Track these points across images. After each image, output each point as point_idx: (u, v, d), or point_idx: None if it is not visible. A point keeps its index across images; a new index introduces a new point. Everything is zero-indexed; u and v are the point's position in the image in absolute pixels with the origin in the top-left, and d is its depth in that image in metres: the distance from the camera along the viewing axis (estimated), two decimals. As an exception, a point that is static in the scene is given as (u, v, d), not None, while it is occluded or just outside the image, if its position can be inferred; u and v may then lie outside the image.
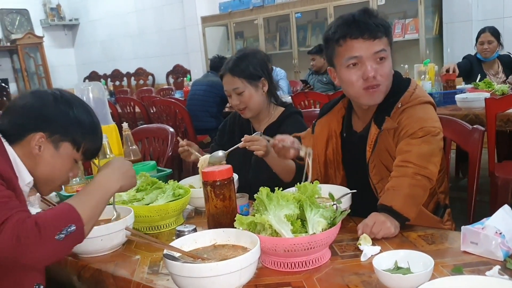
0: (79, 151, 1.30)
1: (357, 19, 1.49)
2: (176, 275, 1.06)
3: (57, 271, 1.44)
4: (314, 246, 1.16)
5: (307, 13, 6.45)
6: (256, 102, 2.05)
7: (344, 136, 1.66)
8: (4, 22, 8.85)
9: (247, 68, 2.03)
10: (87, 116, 1.32)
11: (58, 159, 1.28)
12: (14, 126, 1.26)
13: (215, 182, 1.36)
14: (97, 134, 1.35)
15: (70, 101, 1.30)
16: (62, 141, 1.27)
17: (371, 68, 1.48)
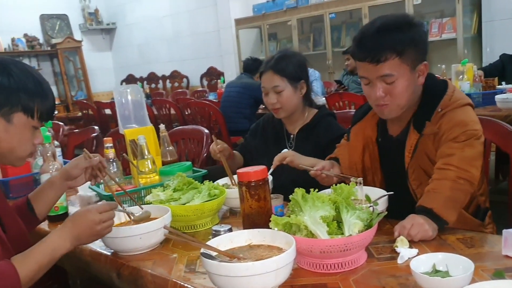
0: (34, 117, 1.25)
1: (363, 40, 1.45)
2: (213, 273, 1.07)
3: (97, 268, 1.49)
4: (350, 248, 1.15)
5: (341, 14, 6.41)
6: (293, 104, 2.05)
7: (380, 141, 1.64)
8: (45, 27, 9.17)
9: (289, 68, 2.02)
10: (29, 78, 1.24)
11: (14, 131, 1.23)
12: None
13: (250, 183, 1.37)
14: (46, 93, 1.27)
15: (7, 67, 1.22)
16: (12, 113, 1.22)
17: (378, 89, 1.47)
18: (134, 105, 2.09)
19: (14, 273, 1.12)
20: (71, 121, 6.88)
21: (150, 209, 1.55)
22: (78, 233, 1.25)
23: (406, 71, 1.44)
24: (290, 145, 2.13)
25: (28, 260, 1.17)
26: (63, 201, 1.84)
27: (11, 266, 1.14)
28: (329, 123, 2.09)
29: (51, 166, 1.87)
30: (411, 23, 1.45)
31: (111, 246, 1.42)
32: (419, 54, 1.45)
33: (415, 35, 1.43)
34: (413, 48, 1.43)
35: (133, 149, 1.95)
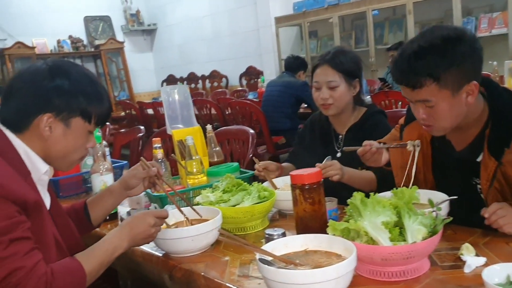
0: (91, 122, 1.26)
1: (399, 63, 1.35)
2: (270, 280, 1.04)
3: (148, 269, 1.48)
4: (414, 256, 1.09)
5: (384, 10, 6.26)
6: (344, 101, 1.98)
7: (436, 145, 1.55)
8: (89, 29, 9.38)
9: (346, 63, 1.96)
10: (87, 82, 1.25)
11: (70, 136, 1.23)
12: (17, 113, 1.20)
13: (304, 186, 1.33)
14: (103, 98, 1.28)
15: (67, 71, 1.22)
16: (71, 118, 1.22)
17: (419, 111, 1.39)
18: (181, 105, 2.08)
19: (81, 269, 1.15)
20: (115, 121, 7.00)
21: (200, 211, 1.53)
22: (135, 235, 1.29)
23: (447, 95, 1.32)
24: (338, 146, 2.06)
25: (91, 258, 1.20)
26: (112, 201, 1.85)
27: (77, 262, 1.16)
28: (378, 121, 2.01)
29: (102, 166, 1.88)
30: (456, 42, 1.30)
31: (162, 247, 1.41)
32: (464, 75, 1.31)
33: (459, 56, 1.30)
34: (455, 71, 1.30)
35: (181, 149, 1.95)
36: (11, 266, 1.04)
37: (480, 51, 1.35)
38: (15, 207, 1.09)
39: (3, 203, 1.07)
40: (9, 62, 8.07)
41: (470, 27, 5.43)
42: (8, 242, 1.05)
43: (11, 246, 1.05)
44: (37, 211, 1.15)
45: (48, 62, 1.24)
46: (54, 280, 1.09)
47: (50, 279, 1.08)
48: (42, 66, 1.22)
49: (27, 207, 1.12)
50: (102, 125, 1.32)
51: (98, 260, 1.21)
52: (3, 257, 1.04)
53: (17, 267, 1.05)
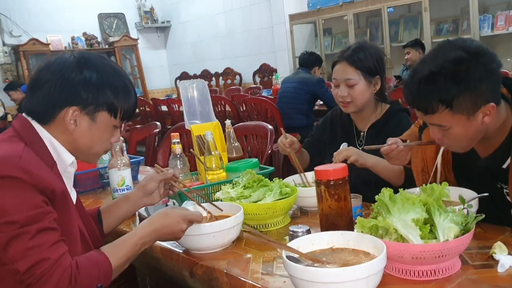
0: (117, 117, 1.24)
1: (409, 87, 1.29)
2: (298, 278, 1.01)
3: (168, 265, 1.46)
4: (446, 254, 1.05)
5: (400, 7, 6.19)
6: (364, 99, 1.92)
7: None
8: (103, 26, 9.41)
9: (365, 60, 1.89)
10: (115, 77, 1.23)
11: (96, 129, 1.22)
12: (43, 105, 1.18)
13: (329, 182, 1.29)
14: (130, 92, 1.26)
15: (95, 64, 1.21)
16: (97, 111, 1.21)
17: (435, 133, 1.35)
18: (199, 100, 2.06)
19: (107, 262, 1.13)
20: (128, 118, 7.01)
21: (222, 207, 1.50)
22: (165, 234, 1.28)
23: (461, 120, 1.26)
24: (360, 143, 2.01)
25: (118, 252, 1.18)
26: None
27: (103, 255, 1.15)
28: (401, 119, 1.95)
29: (119, 161, 1.86)
30: (469, 64, 1.22)
31: (183, 243, 1.39)
32: (479, 98, 1.24)
33: (473, 80, 1.22)
34: (469, 96, 1.22)
35: (199, 145, 1.92)
36: (37, 257, 1.03)
37: (497, 70, 1.27)
38: (42, 196, 1.07)
39: (31, 191, 1.06)
40: (24, 58, 8.13)
41: (487, 24, 5.35)
42: (35, 232, 1.03)
43: (38, 236, 1.04)
44: (63, 202, 1.14)
45: (76, 54, 1.22)
46: (79, 273, 1.07)
47: (75, 272, 1.06)
48: (70, 58, 1.20)
49: (54, 197, 1.10)
50: (127, 120, 1.30)
51: (125, 254, 1.19)
52: (29, 247, 1.02)
53: (42, 258, 1.03)
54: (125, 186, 1.82)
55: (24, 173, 1.05)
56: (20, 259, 1.02)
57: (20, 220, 1.02)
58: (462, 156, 1.43)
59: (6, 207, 1.02)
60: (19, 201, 1.04)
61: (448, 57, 1.24)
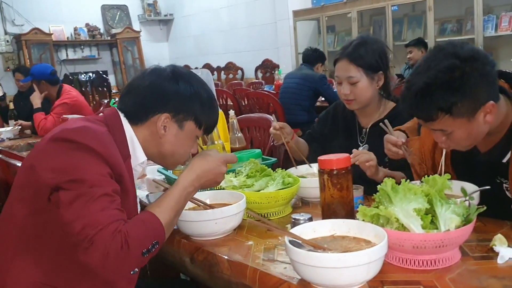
0: (201, 128, 1.33)
1: (407, 100, 1.29)
2: (299, 263, 1.02)
3: (169, 251, 1.46)
4: (447, 244, 1.06)
5: (404, 6, 6.19)
6: (367, 96, 1.90)
7: None
8: (106, 17, 9.40)
9: (367, 57, 1.86)
10: (204, 91, 1.32)
11: (182, 137, 1.30)
12: (137, 108, 1.28)
13: (332, 171, 1.31)
14: (215, 107, 1.36)
15: (188, 77, 1.31)
16: (185, 120, 1.29)
17: (438, 137, 1.35)
18: None
19: (155, 219, 1.14)
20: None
21: (224, 195, 1.51)
22: (206, 181, 1.29)
23: (463, 123, 1.27)
24: (361, 140, 2.00)
25: (163, 207, 1.18)
26: (133, 183, 1.84)
27: (149, 213, 1.15)
28: (407, 121, 1.87)
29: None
30: (463, 71, 1.22)
31: (184, 229, 1.40)
32: (478, 101, 1.25)
33: (468, 87, 1.22)
34: (467, 101, 1.23)
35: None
36: (89, 219, 1.03)
37: (492, 71, 1.27)
38: (110, 170, 1.12)
39: (101, 162, 1.11)
40: (26, 47, 8.13)
41: (491, 25, 5.36)
42: (99, 195, 1.05)
43: (100, 199, 1.05)
44: (125, 188, 1.18)
45: (171, 67, 1.32)
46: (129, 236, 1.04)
47: (125, 236, 1.04)
48: (166, 69, 1.31)
49: (120, 180, 1.14)
50: (208, 133, 1.40)
51: (171, 207, 1.19)
52: (89, 208, 1.04)
53: (94, 220, 1.03)
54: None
55: (99, 145, 1.12)
56: (78, 217, 1.03)
57: (89, 180, 1.06)
58: (462, 153, 1.45)
59: (76, 167, 1.08)
60: (89, 165, 1.09)
61: (441, 66, 1.24)
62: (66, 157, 1.10)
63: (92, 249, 1.02)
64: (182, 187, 1.24)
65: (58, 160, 1.10)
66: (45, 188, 1.10)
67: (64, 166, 1.09)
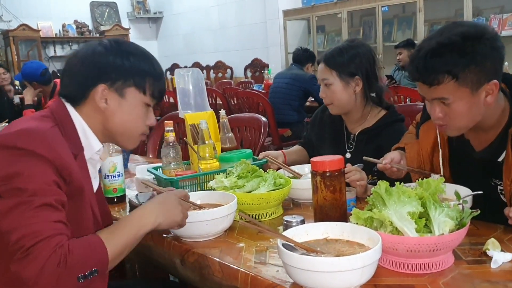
0: (146, 94, 1.25)
1: (416, 60, 1.30)
2: (292, 266, 1.00)
3: (159, 253, 1.44)
4: (440, 248, 1.06)
5: (394, 7, 6.22)
6: (343, 100, 1.89)
7: (454, 144, 1.50)
8: (94, 14, 9.32)
9: (341, 61, 1.87)
10: (141, 55, 1.25)
11: (126, 106, 1.23)
12: (75, 87, 1.22)
13: (325, 173, 1.29)
14: (156, 69, 1.27)
15: (121, 46, 1.24)
16: (125, 87, 1.22)
17: (435, 110, 1.33)
18: (194, 89, 2.04)
19: (104, 249, 1.06)
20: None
21: (215, 196, 1.49)
22: (163, 208, 1.23)
23: (466, 94, 1.27)
24: (349, 146, 1.98)
25: (115, 237, 1.11)
26: (121, 183, 1.81)
27: (101, 241, 1.08)
28: (397, 130, 1.86)
29: (111, 147, 1.83)
30: (476, 40, 1.25)
31: (175, 230, 1.37)
32: (484, 74, 1.26)
33: (479, 54, 1.24)
34: (474, 69, 1.25)
35: (193, 133, 1.90)
36: (30, 229, 0.98)
37: (501, 50, 1.30)
38: (56, 177, 1.05)
39: (47, 167, 1.04)
40: (13, 44, 8.03)
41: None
42: (39, 204, 1.00)
43: (39, 209, 1.00)
44: (79, 189, 1.12)
45: (104, 40, 1.26)
46: (70, 254, 0.99)
47: (65, 252, 0.99)
48: (99, 41, 1.25)
49: (71, 180, 1.09)
50: (158, 99, 1.30)
51: (121, 239, 1.12)
52: (27, 217, 0.99)
53: (34, 230, 0.98)
54: (116, 172, 1.79)
55: (44, 148, 1.05)
56: (15, 228, 0.98)
57: (30, 189, 1.01)
58: (458, 151, 1.44)
59: (18, 174, 1.02)
60: (31, 173, 1.03)
61: (456, 32, 1.27)
62: (8, 166, 1.03)
63: (27, 260, 0.96)
64: (140, 225, 1.17)
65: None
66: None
67: (5, 175, 1.02)
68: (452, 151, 1.51)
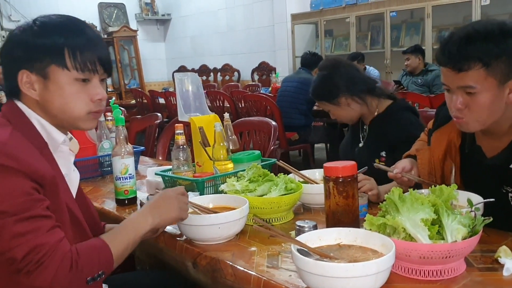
0: (70, 69, 1.13)
1: (449, 44, 1.30)
2: (307, 272, 1.01)
3: (171, 255, 1.45)
4: (453, 255, 1.06)
5: (403, 12, 6.23)
6: (345, 116, 2.06)
7: (466, 152, 1.49)
8: (103, 15, 9.37)
9: (322, 93, 2.06)
10: (52, 24, 1.14)
11: (54, 87, 1.13)
12: (6, 81, 1.16)
13: (338, 179, 1.30)
14: (71, 32, 1.14)
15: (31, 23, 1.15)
16: (46, 68, 1.12)
17: (457, 100, 1.33)
18: (194, 94, 2.06)
19: (109, 251, 1.11)
20: (125, 109, 6.98)
21: (226, 199, 1.50)
22: (157, 207, 1.26)
23: (492, 85, 1.27)
24: (363, 137, 2.09)
25: (116, 238, 1.16)
26: (133, 185, 1.83)
27: (102, 241, 1.12)
28: (400, 118, 1.97)
29: (123, 149, 1.85)
30: (508, 33, 1.27)
31: (187, 234, 1.39)
32: (502, 72, 1.26)
33: (511, 47, 1.26)
34: (506, 61, 1.25)
35: (202, 136, 1.91)
36: (33, 243, 0.99)
37: None
38: (32, 183, 1.03)
39: (20, 178, 1.01)
40: (22, 44, 8.07)
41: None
42: (27, 218, 0.99)
43: (30, 222, 0.99)
44: (53, 187, 1.09)
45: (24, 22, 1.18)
46: (79, 258, 1.03)
47: (75, 257, 1.03)
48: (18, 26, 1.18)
49: (44, 183, 1.06)
50: (93, 70, 1.16)
51: (122, 240, 1.16)
52: (22, 233, 0.98)
53: (38, 243, 0.99)
54: (128, 174, 1.81)
55: (11, 159, 1.01)
56: (15, 246, 0.98)
57: (9, 210, 0.99)
58: (470, 159, 1.44)
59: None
60: (8, 189, 1.00)
61: (492, 22, 1.29)
62: None
63: (39, 271, 0.98)
64: (137, 229, 1.20)
65: None
66: None
67: None
68: (463, 158, 1.52)
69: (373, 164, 1.89)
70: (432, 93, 4.93)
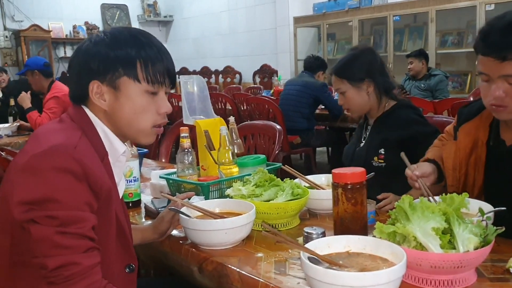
0: (141, 81, 1.14)
1: (491, 33, 1.31)
2: (316, 280, 0.99)
3: (176, 260, 1.44)
4: (465, 265, 1.05)
5: (406, 17, 6.21)
6: (358, 104, 2.04)
7: (491, 145, 1.50)
8: (105, 16, 9.37)
9: (349, 70, 2.03)
10: (127, 38, 1.15)
11: (124, 99, 1.14)
12: (75, 87, 1.18)
13: (347, 185, 1.28)
14: (145, 47, 1.14)
15: (108, 36, 1.15)
16: (117, 79, 1.13)
17: (498, 88, 1.33)
18: (199, 96, 2.05)
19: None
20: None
21: (233, 204, 1.49)
22: None
23: None
24: (364, 137, 2.11)
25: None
26: (137, 188, 1.81)
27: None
28: (401, 115, 1.99)
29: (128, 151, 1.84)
30: None
31: (194, 238, 1.37)
32: None
33: None
34: None
35: (207, 140, 1.90)
36: (68, 259, 0.98)
37: None
38: (90, 195, 1.03)
39: (82, 185, 1.01)
40: (24, 44, 8.07)
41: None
42: (73, 233, 0.99)
43: (73, 238, 0.99)
44: (107, 200, 1.09)
45: (94, 34, 1.21)
46: None
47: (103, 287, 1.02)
48: (88, 37, 1.20)
49: (101, 194, 1.06)
50: (162, 84, 1.18)
51: None
52: (63, 245, 0.98)
53: (73, 261, 0.98)
54: (133, 177, 1.79)
55: (78, 164, 1.01)
56: (50, 255, 0.98)
57: (59, 218, 0.98)
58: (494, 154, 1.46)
59: (52, 199, 0.98)
60: (67, 196, 0.99)
61: None
62: (42, 188, 0.99)
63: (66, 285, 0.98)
64: None
65: (29, 193, 0.99)
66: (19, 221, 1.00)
67: (38, 199, 0.98)
68: (489, 154, 1.51)
69: (371, 161, 1.93)
70: (435, 98, 4.91)
